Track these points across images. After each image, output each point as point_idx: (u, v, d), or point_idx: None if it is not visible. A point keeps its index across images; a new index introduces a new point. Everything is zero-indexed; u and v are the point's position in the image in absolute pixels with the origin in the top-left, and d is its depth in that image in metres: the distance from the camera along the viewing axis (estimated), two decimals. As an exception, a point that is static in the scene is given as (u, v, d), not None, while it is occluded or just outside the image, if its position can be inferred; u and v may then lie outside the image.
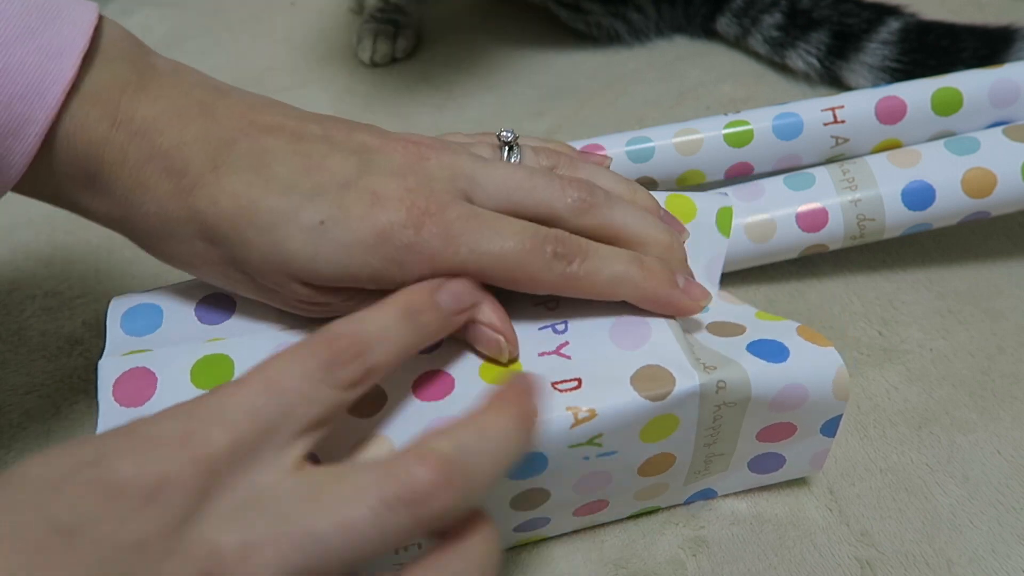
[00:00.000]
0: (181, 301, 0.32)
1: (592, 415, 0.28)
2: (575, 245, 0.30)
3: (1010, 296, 0.43)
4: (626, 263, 0.30)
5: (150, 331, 0.32)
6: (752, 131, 0.44)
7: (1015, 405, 0.38)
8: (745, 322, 0.33)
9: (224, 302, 0.32)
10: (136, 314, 0.32)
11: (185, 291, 0.33)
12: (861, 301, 0.44)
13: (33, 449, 0.39)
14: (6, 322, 0.45)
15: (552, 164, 0.34)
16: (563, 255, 0.29)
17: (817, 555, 0.34)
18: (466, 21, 0.68)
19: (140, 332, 0.32)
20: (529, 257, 0.29)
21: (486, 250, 0.29)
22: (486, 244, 0.29)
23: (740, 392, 0.29)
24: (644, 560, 0.34)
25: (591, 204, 0.31)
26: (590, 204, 0.31)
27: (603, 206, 0.31)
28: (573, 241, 0.30)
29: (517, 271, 0.29)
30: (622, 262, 0.30)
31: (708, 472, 0.33)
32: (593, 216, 0.31)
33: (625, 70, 0.62)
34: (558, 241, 0.29)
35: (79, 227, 0.51)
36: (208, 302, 0.32)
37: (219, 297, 0.32)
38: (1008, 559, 0.33)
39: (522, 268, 0.29)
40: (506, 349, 0.30)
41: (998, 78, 0.44)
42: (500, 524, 0.31)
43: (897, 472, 0.36)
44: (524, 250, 0.29)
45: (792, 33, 0.58)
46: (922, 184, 0.40)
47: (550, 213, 0.30)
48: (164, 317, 0.32)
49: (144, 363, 0.30)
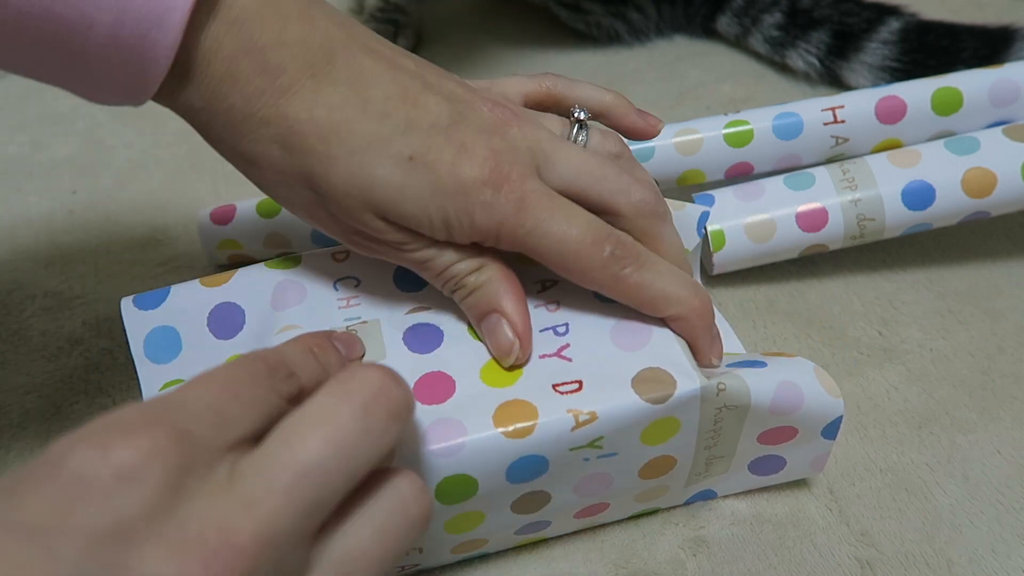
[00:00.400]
0: (194, 319, 0.32)
1: (593, 417, 0.28)
2: (634, 251, 0.30)
3: (1010, 296, 0.43)
4: (682, 286, 0.30)
5: (174, 356, 0.32)
6: (752, 131, 0.44)
7: (1015, 405, 0.38)
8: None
9: (234, 313, 0.32)
10: (157, 340, 0.32)
11: (191, 301, 0.33)
12: (861, 301, 0.44)
13: (33, 449, 0.39)
14: (6, 322, 0.45)
15: (619, 152, 0.34)
16: (621, 258, 0.30)
17: (817, 555, 0.34)
18: (466, 21, 0.68)
19: (165, 360, 0.32)
20: (589, 251, 0.29)
21: (551, 231, 0.29)
22: (553, 226, 0.29)
23: (740, 395, 0.29)
24: (644, 560, 0.34)
25: (654, 210, 0.31)
26: (653, 209, 0.31)
27: (663, 216, 0.32)
28: (633, 247, 0.30)
29: (572, 260, 0.29)
30: (677, 284, 0.30)
31: (709, 474, 0.33)
32: (651, 223, 0.31)
33: (625, 70, 0.62)
34: (619, 243, 0.30)
35: (79, 227, 0.51)
36: (218, 315, 0.32)
37: (228, 308, 0.32)
38: (1008, 559, 0.33)
39: (578, 258, 0.29)
40: (515, 354, 0.30)
41: (998, 78, 0.44)
42: (501, 528, 0.31)
43: (897, 472, 0.36)
44: (586, 242, 0.29)
45: (792, 32, 0.58)
46: (922, 184, 0.40)
47: (612, 207, 0.31)
48: (183, 340, 0.32)
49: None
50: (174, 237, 0.50)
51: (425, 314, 0.32)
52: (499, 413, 0.28)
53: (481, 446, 0.27)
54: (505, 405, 0.28)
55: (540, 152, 0.30)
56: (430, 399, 0.29)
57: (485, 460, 0.28)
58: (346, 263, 0.34)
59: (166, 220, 0.51)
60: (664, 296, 0.30)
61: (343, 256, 0.34)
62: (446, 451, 0.27)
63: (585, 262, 0.29)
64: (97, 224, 0.51)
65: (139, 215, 0.52)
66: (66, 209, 0.53)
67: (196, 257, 0.48)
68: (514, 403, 0.28)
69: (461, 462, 0.27)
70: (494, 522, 0.30)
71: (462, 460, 0.27)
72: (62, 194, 0.54)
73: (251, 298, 0.33)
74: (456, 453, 0.27)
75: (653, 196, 0.31)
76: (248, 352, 0.24)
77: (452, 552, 0.32)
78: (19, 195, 0.54)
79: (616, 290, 0.30)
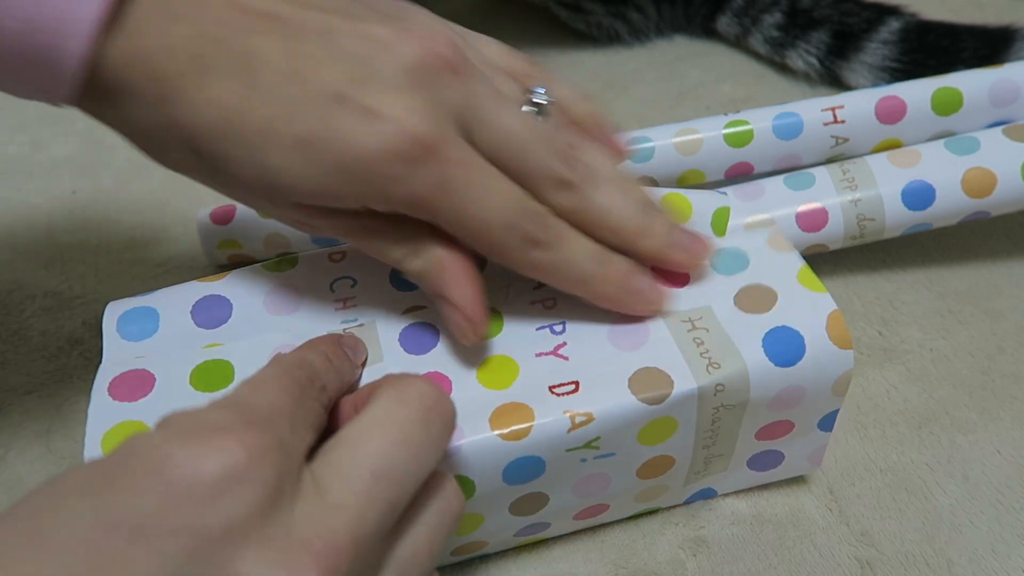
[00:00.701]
0: (177, 305, 0.32)
1: (589, 419, 0.28)
2: (552, 232, 0.29)
3: (1010, 296, 0.43)
4: (592, 261, 0.30)
5: (148, 335, 0.31)
6: (752, 131, 0.44)
7: (1015, 405, 0.38)
8: (781, 287, 0.31)
9: (221, 305, 0.32)
10: (132, 318, 0.32)
11: (181, 294, 0.33)
12: (861, 301, 0.44)
13: (33, 449, 0.39)
14: (6, 322, 0.45)
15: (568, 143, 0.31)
16: (536, 241, 0.29)
17: (817, 555, 0.34)
18: (466, 21, 0.68)
19: (137, 337, 0.31)
20: (504, 234, 0.28)
21: (469, 212, 0.28)
22: (471, 206, 0.27)
23: (739, 395, 0.29)
24: (644, 560, 0.34)
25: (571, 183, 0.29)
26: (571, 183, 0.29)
27: (585, 186, 0.30)
28: (551, 227, 0.29)
29: (489, 244, 0.28)
30: (588, 258, 0.30)
31: (708, 472, 0.33)
32: (571, 197, 0.29)
33: (625, 70, 0.62)
34: (537, 224, 0.28)
35: (79, 227, 0.51)
36: (204, 305, 0.32)
37: (215, 300, 0.32)
38: (1008, 559, 0.33)
39: (494, 242, 0.28)
40: (470, 335, 0.29)
41: (998, 78, 0.44)
42: (500, 530, 0.31)
43: (897, 472, 0.36)
44: (503, 226, 0.28)
45: (792, 32, 0.58)
46: (922, 184, 0.40)
47: (532, 184, 0.29)
48: (161, 321, 0.32)
49: (143, 366, 0.30)
50: (174, 237, 0.50)
51: (421, 312, 0.32)
52: (495, 415, 0.28)
53: (477, 448, 0.27)
54: (502, 407, 0.28)
55: (473, 111, 0.28)
56: None
57: (482, 462, 0.28)
58: (342, 263, 0.34)
59: (166, 220, 0.51)
60: (579, 277, 0.30)
61: (339, 256, 0.34)
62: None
63: (501, 246, 0.28)
64: (97, 224, 0.51)
65: (139, 215, 0.52)
66: (66, 209, 0.53)
67: (196, 257, 0.48)
68: (510, 405, 0.28)
69: (458, 464, 0.27)
70: (493, 524, 0.30)
71: (459, 462, 0.27)
72: (62, 194, 0.54)
73: (242, 296, 0.32)
74: (453, 455, 0.27)
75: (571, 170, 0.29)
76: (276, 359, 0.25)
77: (452, 554, 0.32)
78: (19, 195, 0.54)
79: (532, 272, 0.30)
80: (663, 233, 0.31)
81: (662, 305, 0.31)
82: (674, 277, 0.32)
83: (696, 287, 0.32)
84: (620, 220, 0.30)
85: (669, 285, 0.32)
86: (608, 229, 0.30)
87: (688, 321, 0.31)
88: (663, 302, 0.31)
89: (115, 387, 0.29)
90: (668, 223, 0.32)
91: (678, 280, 0.32)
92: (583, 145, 0.32)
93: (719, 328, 0.30)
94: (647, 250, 0.31)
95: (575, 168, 0.30)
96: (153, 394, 0.29)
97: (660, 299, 0.31)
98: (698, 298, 0.31)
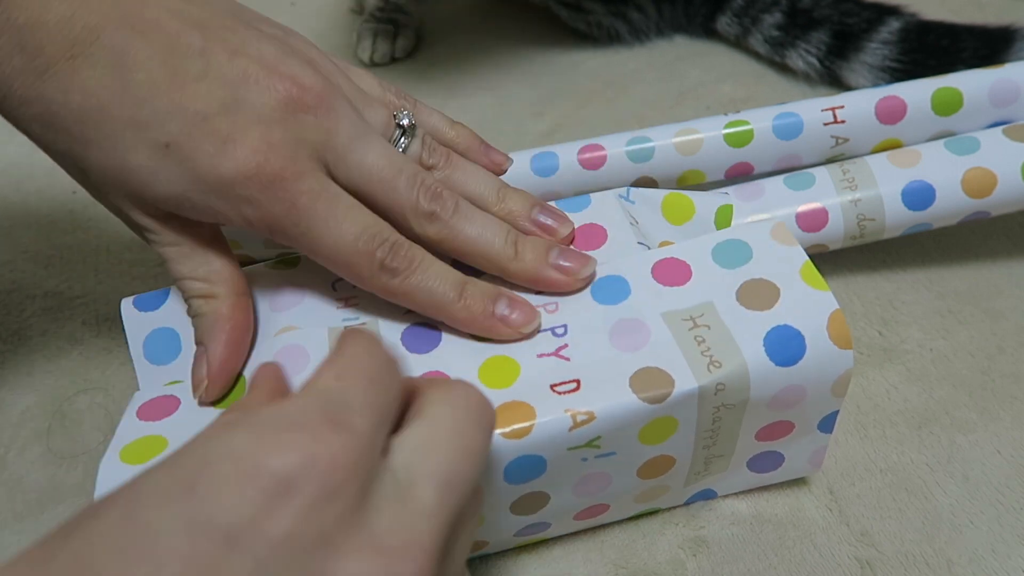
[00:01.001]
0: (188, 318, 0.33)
1: (591, 417, 0.28)
2: (406, 258, 0.30)
3: (1010, 296, 0.43)
4: (448, 287, 0.30)
5: (173, 358, 0.32)
6: (752, 131, 0.44)
7: (1015, 405, 0.38)
8: (783, 283, 0.31)
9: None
10: (156, 342, 0.32)
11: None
12: (861, 301, 0.44)
13: (33, 449, 0.39)
14: (6, 322, 0.45)
15: (435, 163, 0.33)
16: (390, 268, 0.29)
17: (817, 555, 0.34)
18: (466, 21, 0.68)
19: (165, 360, 0.32)
20: (357, 259, 0.29)
21: (320, 237, 0.29)
22: (323, 232, 0.29)
23: (739, 394, 0.29)
24: (644, 560, 0.34)
25: (436, 215, 0.31)
26: (435, 215, 0.31)
27: (451, 218, 0.31)
28: (405, 254, 0.30)
29: (343, 268, 0.30)
30: (445, 285, 0.30)
31: (708, 473, 0.33)
32: (438, 228, 0.31)
33: (625, 70, 0.62)
34: (392, 251, 0.29)
35: (79, 227, 0.51)
36: None
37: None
38: (1008, 559, 0.33)
39: (348, 267, 0.30)
40: (200, 392, 0.30)
41: (998, 78, 0.44)
42: (500, 529, 0.31)
43: (897, 472, 0.36)
44: (355, 252, 0.29)
45: (792, 32, 0.58)
46: (922, 184, 0.40)
47: (399, 216, 0.30)
48: (182, 341, 0.32)
49: (172, 392, 0.31)
50: (174, 237, 0.50)
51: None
52: (497, 414, 0.28)
53: None
54: (503, 406, 0.28)
55: (332, 148, 0.30)
56: None
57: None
58: None
59: (166, 220, 0.51)
60: (433, 304, 0.30)
61: None
62: None
63: (355, 270, 0.30)
64: (97, 224, 0.51)
65: (139, 215, 0.52)
66: (66, 209, 0.53)
67: (196, 257, 0.48)
68: (512, 404, 0.28)
69: None
70: (494, 523, 0.30)
71: None
72: (62, 194, 0.54)
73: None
74: None
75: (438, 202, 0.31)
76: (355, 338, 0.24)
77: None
78: (19, 195, 0.54)
79: (390, 297, 0.30)
80: (533, 257, 0.32)
81: (529, 328, 0.30)
82: (674, 273, 0.32)
83: (698, 282, 0.32)
84: (488, 247, 0.31)
85: (669, 283, 0.32)
86: (478, 256, 0.31)
87: (690, 319, 0.31)
88: (529, 325, 0.31)
89: (143, 411, 0.30)
90: (541, 245, 0.32)
91: (678, 276, 0.32)
92: (455, 168, 0.33)
93: (721, 324, 0.30)
94: (518, 273, 0.32)
95: (439, 199, 0.31)
96: (177, 414, 0.30)
97: (525, 322, 0.30)
98: (700, 294, 0.31)
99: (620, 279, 0.32)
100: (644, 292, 0.32)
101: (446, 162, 0.33)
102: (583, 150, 0.44)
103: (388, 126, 0.33)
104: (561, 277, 0.32)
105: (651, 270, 0.32)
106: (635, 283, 0.32)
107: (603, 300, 0.32)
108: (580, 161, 0.44)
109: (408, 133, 0.33)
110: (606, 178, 0.44)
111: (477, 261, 0.32)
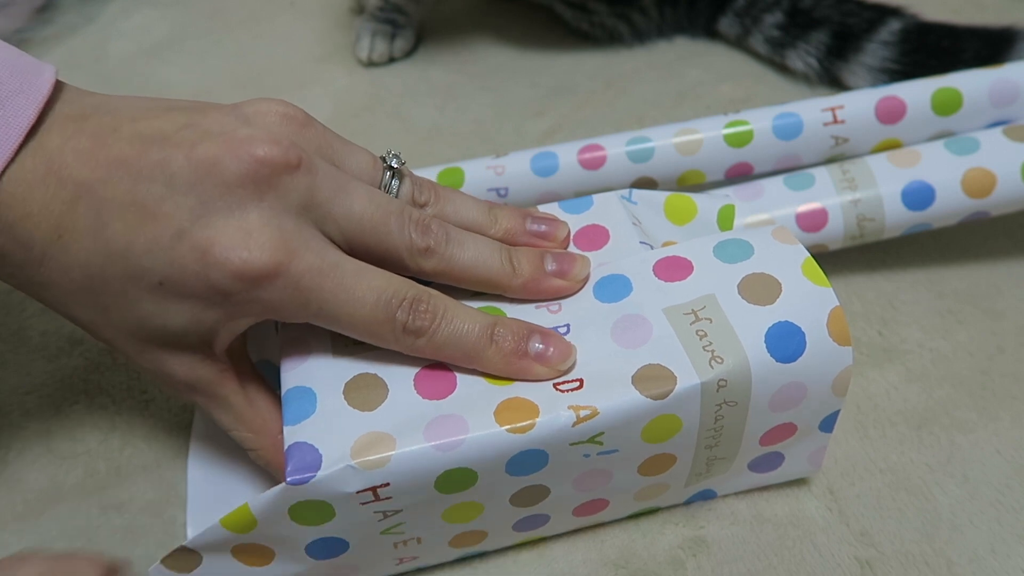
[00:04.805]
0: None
1: (594, 413, 0.28)
2: (428, 314, 0.29)
3: (1010, 296, 0.43)
4: (478, 334, 0.29)
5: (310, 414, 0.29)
6: (752, 131, 0.44)
7: (1015, 405, 0.38)
8: (785, 278, 0.31)
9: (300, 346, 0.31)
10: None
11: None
12: (861, 301, 0.44)
13: (33, 449, 0.39)
14: (6, 322, 0.45)
15: (426, 200, 0.33)
16: (413, 330, 0.29)
17: (817, 555, 0.34)
18: (466, 21, 0.68)
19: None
20: (378, 328, 0.29)
21: (334, 313, 0.28)
22: (336, 308, 0.28)
23: (741, 390, 0.29)
24: (644, 560, 0.34)
25: (431, 249, 0.30)
26: (430, 249, 0.30)
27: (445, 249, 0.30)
28: (426, 309, 0.29)
29: (367, 337, 0.29)
30: (474, 334, 0.29)
31: (709, 474, 0.33)
32: (435, 262, 0.30)
33: (625, 70, 0.62)
34: (412, 311, 0.29)
35: (79, 227, 0.51)
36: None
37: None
38: (1008, 559, 0.33)
39: (371, 336, 0.29)
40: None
41: (998, 78, 0.44)
42: (500, 520, 0.31)
43: (897, 472, 0.36)
44: (375, 321, 0.28)
45: (792, 32, 0.58)
46: (922, 184, 0.40)
47: (396, 258, 0.30)
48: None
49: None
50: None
51: None
52: (500, 410, 0.28)
53: (482, 442, 0.27)
54: (506, 402, 0.28)
55: (316, 205, 0.29)
56: (431, 394, 0.29)
57: (485, 455, 0.28)
58: None
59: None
60: (464, 356, 0.29)
61: None
62: (447, 446, 0.27)
63: (378, 338, 0.29)
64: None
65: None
66: (66, 209, 0.53)
67: (196, 257, 0.48)
68: (515, 400, 0.28)
69: (461, 456, 0.27)
70: (493, 514, 0.30)
71: (463, 454, 0.27)
72: (62, 194, 0.54)
73: None
74: (457, 448, 0.27)
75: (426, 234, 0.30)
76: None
77: (450, 545, 0.32)
78: None
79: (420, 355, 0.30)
80: (531, 268, 0.31)
81: (566, 365, 0.29)
82: (676, 270, 0.32)
83: (699, 276, 0.32)
84: (487, 269, 0.31)
85: (670, 279, 0.32)
86: (479, 281, 0.31)
87: (691, 312, 0.30)
88: (567, 361, 0.29)
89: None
90: (535, 255, 0.32)
91: (680, 272, 0.32)
92: (447, 202, 0.33)
93: (723, 317, 0.30)
94: (520, 288, 0.31)
95: (430, 233, 0.30)
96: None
97: (562, 358, 0.29)
98: (701, 286, 0.31)
99: (622, 277, 0.32)
100: (646, 289, 0.32)
101: (436, 197, 0.33)
102: (583, 150, 0.44)
103: (375, 168, 0.32)
104: (562, 283, 0.32)
105: (653, 268, 0.32)
106: (637, 280, 0.32)
107: (605, 298, 0.32)
108: (580, 161, 0.44)
109: (397, 175, 0.32)
110: (606, 178, 0.44)
111: (478, 286, 0.31)
